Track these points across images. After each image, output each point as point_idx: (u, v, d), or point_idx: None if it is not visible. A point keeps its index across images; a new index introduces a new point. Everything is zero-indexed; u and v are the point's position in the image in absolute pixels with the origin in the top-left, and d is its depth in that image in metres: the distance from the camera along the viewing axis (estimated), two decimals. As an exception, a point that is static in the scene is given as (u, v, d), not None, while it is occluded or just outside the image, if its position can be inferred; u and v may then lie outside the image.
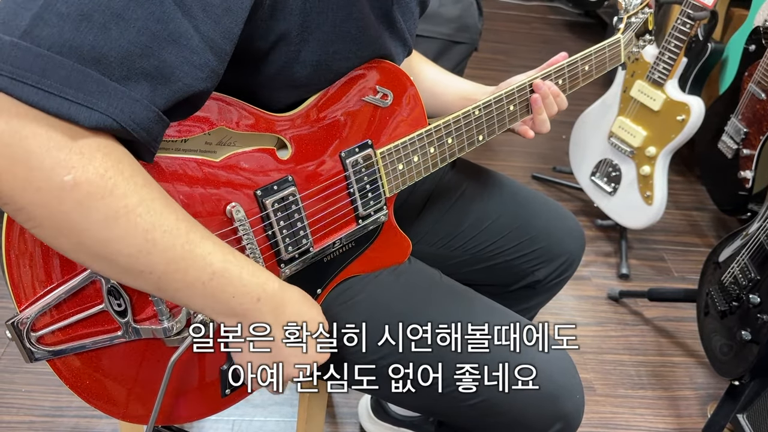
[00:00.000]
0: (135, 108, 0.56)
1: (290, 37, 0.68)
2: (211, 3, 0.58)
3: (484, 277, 1.12)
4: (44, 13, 0.52)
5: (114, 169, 0.55)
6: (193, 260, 0.61)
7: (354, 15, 0.72)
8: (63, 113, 0.52)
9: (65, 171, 0.53)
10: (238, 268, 0.65)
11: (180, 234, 0.60)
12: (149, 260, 0.59)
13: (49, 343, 0.69)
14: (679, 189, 2.51)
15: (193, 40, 0.58)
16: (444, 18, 1.83)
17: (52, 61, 0.52)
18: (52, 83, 0.52)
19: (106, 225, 0.56)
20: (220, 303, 0.65)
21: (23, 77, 0.51)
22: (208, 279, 0.62)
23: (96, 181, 0.54)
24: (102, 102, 0.54)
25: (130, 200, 0.56)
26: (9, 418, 1.41)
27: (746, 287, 1.41)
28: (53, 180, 0.53)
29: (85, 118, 0.53)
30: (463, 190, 1.12)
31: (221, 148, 0.73)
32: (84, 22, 0.52)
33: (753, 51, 1.91)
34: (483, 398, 0.89)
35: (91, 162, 0.54)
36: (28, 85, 0.51)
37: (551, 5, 4.06)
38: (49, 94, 0.52)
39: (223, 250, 0.64)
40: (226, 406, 0.85)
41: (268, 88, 0.73)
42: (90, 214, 0.55)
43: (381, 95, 0.83)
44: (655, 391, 1.72)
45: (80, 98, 0.53)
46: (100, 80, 0.54)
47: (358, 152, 0.81)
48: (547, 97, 0.97)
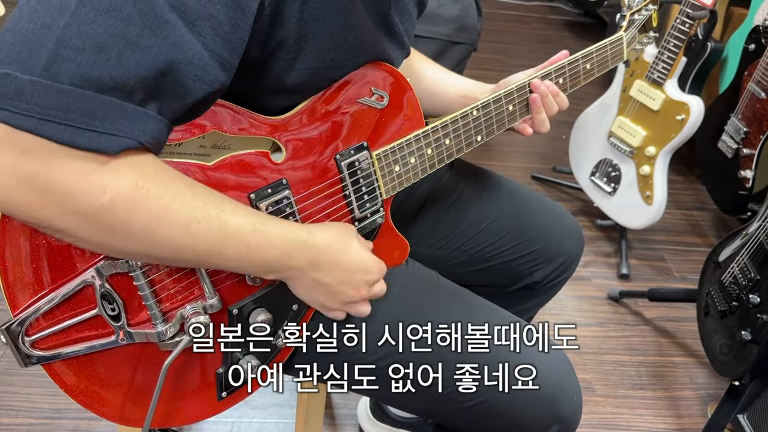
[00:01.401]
0: (152, 125, 0.57)
1: (287, 45, 0.68)
2: (219, 21, 0.59)
3: (483, 278, 1.12)
4: (60, 50, 0.52)
5: (143, 176, 0.57)
6: (228, 240, 0.65)
7: (351, 23, 0.72)
8: (93, 146, 0.54)
9: (100, 192, 0.55)
10: (267, 235, 0.68)
11: (213, 219, 0.63)
12: (193, 250, 0.63)
13: (43, 347, 0.68)
14: (679, 189, 2.51)
15: (204, 58, 0.59)
16: (443, 18, 1.83)
17: (74, 95, 0.52)
18: (78, 117, 0.53)
19: (150, 231, 0.59)
20: (259, 267, 0.71)
21: (49, 116, 0.52)
22: (245, 251, 0.67)
23: (131, 195, 0.56)
24: (125, 127, 0.55)
25: (165, 200, 0.59)
26: (8, 421, 1.41)
27: (746, 287, 1.40)
28: (91, 204, 0.55)
29: (113, 146, 0.55)
30: (461, 191, 1.12)
31: (215, 152, 0.73)
32: (101, 53, 0.53)
33: (753, 50, 1.91)
34: (481, 399, 0.88)
35: (121, 177, 0.56)
36: (55, 123, 0.52)
37: (551, 5, 4.06)
38: (77, 129, 0.53)
39: (251, 219, 0.67)
40: (224, 409, 0.85)
41: (263, 93, 0.73)
42: (134, 226, 0.58)
43: (377, 97, 0.83)
44: (656, 392, 1.72)
45: (106, 127, 0.54)
46: (120, 106, 0.55)
47: (353, 154, 0.81)
48: (546, 96, 0.96)
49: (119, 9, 0.53)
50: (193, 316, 0.72)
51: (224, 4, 0.58)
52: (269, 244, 0.69)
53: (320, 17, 0.68)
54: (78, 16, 0.52)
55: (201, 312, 0.73)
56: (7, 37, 0.52)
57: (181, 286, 0.72)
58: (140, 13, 0.54)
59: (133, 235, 0.58)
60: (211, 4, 0.57)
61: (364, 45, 0.76)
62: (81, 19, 0.52)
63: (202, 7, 0.57)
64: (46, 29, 0.52)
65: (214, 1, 0.57)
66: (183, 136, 0.69)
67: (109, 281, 0.68)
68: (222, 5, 0.58)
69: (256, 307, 0.79)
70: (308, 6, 0.66)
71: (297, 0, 0.65)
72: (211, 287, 0.73)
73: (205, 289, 0.73)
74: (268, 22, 0.64)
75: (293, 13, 0.66)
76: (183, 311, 0.73)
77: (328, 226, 0.78)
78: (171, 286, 0.71)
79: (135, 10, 0.54)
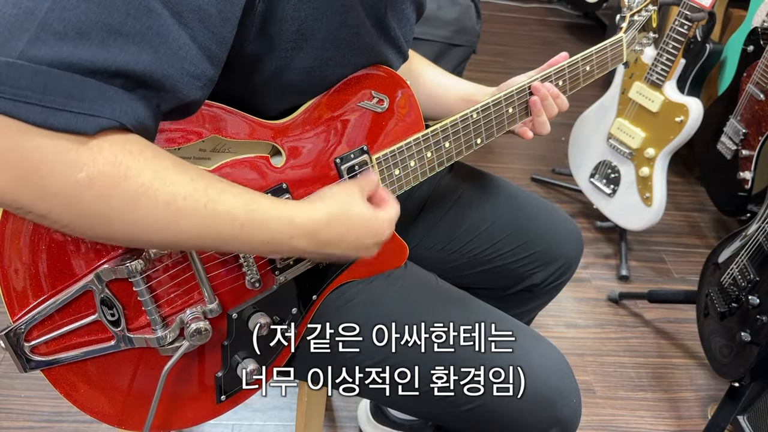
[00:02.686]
0: (135, 107, 0.56)
1: (283, 42, 0.68)
2: (208, 13, 0.58)
3: (481, 281, 1.12)
4: (41, 34, 0.51)
5: (122, 152, 0.55)
6: (219, 218, 0.62)
7: (348, 22, 0.72)
8: (70, 128, 0.52)
9: (77, 170, 0.53)
10: (263, 214, 0.65)
11: (199, 195, 0.60)
12: (181, 229, 0.60)
13: (43, 352, 0.68)
14: (678, 190, 2.51)
15: (191, 50, 0.58)
16: (442, 21, 1.83)
17: (51, 76, 0.51)
18: (55, 98, 0.52)
19: (130, 208, 0.56)
20: (258, 247, 0.68)
21: (24, 97, 0.51)
22: (239, 231, 0.63)
23: (108, 171, 0.54)
24: (105, 108, 0.54)
25: (145, 177, 0.56)
26: (8, 424, 1.41)
27: (745, 288, 1.40)
28: (68, 182, 0.53)
29: (91, 127, 0.53)
30: (460, 194, 1.12)
31: (216, 155, 0.73)
32: (83, 39, 0.52)
33: (751, 52, 1.91)
34: (480, 403, 0.88)
35: (100, 153, 0.54)
36: (31, 104, 0.51)
37: (550, 7, 4.06)
38: (53, 110, 0.52)
39: (244, 199, 0.64)
40: (223, 412, 0.85)
41: (260, 94, 0.73)
42: (112, 203, 0.55)
43: (377, 100, 0.83)
44: (656, 393, 1.72)
45: (84, 108, 0.53)
46: (100, 87, 0.53)
47: (353, 158, 0.81)
48: (546, 99, 0.96)
49: None
50: (192, 321, 0.72)
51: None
52: (265, 224, 0.66)
53: (318, 16, 0.68)
54: (61, 1, 0.51)
55: (200, 317, 0.73)
56: None
57: (180, 291, 0.72)
58: (124, 1, 0.53)
59: (113, 214, 0.56)
60: None
61: (361, 45, 0.76)
62: (64, 4, 0.51)
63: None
64: (29, 14, 0.51)
65: None
66: (183, 141, 0.69)
67: (109, 287, 0.68)
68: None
69: (256, 311, 0.79)
70: (306, 4, 0.66)
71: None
72: (211, 292, 0.73)
73: (205, 294, 0.73)
74: (261, 18, 0.64)
75: (289, 9, 0.66)
76: (182, 316, 0.73)
77: (327, 198, 0.75)
78: (170, 291, 0.71)
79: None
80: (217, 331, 0.77)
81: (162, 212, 0.58)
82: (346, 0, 0.70)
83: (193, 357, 0.78)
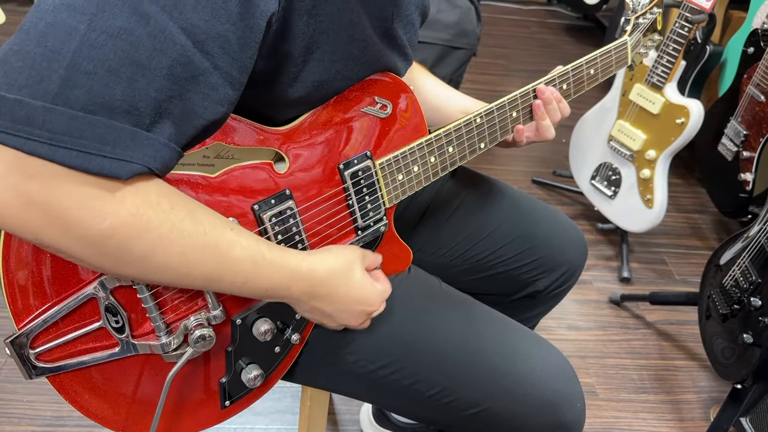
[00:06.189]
0: (162, 151, 0.57)
1: (293, 58, 0.68)
2: (228, 40, 0.58)
3: (485, 286, 1.12)
4: (72, 75, 0.52)
5: (144, 203, 0.57)
6: (227, 268, 0.65)
7: (356, 36, 0.72)
8: (105, 172, 0.54)
9: (101, 220, 0.55)
10: (267, 267, 0.69)
11: (210, 247, 0.63)
12: (189, 277, 0.64)
13: (47, 359, 0.68)
14: (679, 192, 2.51)
15: (213, 77, 0.59)
16: (443, 24, 1.83)
17: (86, 122, 0.52)
18: (90, 143, 0.53)
19: (146, 257, 0.59)
20: (258, 294, 0.71)
21: (62, 142, 0.52)
22: (242, 282, 0.67)
23: (131, 222, 0.57)
24: (137, 153, 0.55)
25: (163, 229, 0.59)
26: (11, 428, 1.41)
27: (747, 290, 1.40)
28: (92, 230, 0.55)
29: (124, 172, 0.55)
30: (462, 199, 1.12)
31: (219, 162, 0.73)
32: (112, 77, 0.53)
33: (752, 53, 1.91)
34: (484, 407, 0.88)
35: (123, 204, 0.56)
36: (67, 149, 0.52)
37: (550, 9, 4.07)
38: (89, 155, 0.53)
39: (251, 251, 0.67)
40: (227, 417, 0.85)
41: (267, 105, 0.73)
42: (131, 252, 0.58)
43: (380, 106, 0.82)
44: (658, 395, 1.72)
45: (117, 153, 0.54)
46: (132, 132, 0.55)
47: (356, 164, 0.81)
48: (550, 102, 0.96)
49: (129, 32, 0.53)
50: (196, 328, 0.72)
51: (233, 23, 0.58)
52: (267, 276, 0.69)
53: (326, 30, 0.68)
54: (88, 40, 0.52)
55: (204, 323, 0.73)
56: (14, 60, 0.52)
57: (184, 297, 0.72)
58: (150, 36, 0.54)
59: (131, 260, 0.59)
60: (219, 23, 0.57)
61: (368, 58, 0.76)
62: (91, 43, 0.52)
63: (210, 27, 0.57)
64: (56, 53, 0.52)
65: (222, 21, 0.57)
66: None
67: (113, 294, 0.68)
68: (231, 24, 0.58)
69: (260, 317, 0.79)
70: (315, 20, 0.66)
71: (304, 14, 0.65)
72: (215, 298, 0.73)
73: (209, 301, 0.73)
74: (274, 36, 0.64)
75: (300, 26, 0.66)
76: (187, 323, 0.73)
77: (333, 253, 0.77)
78: (174, 298, 0.71)
79: (145, 32, 0.54)
80: (221, 338, 0.77)
81: (175, 261, 0.61)
82: (354, 16, 0.70)
83: (197, 363, 0.78)
